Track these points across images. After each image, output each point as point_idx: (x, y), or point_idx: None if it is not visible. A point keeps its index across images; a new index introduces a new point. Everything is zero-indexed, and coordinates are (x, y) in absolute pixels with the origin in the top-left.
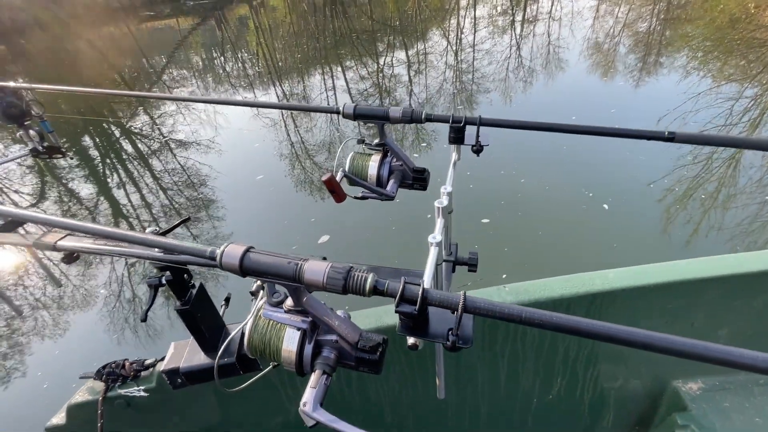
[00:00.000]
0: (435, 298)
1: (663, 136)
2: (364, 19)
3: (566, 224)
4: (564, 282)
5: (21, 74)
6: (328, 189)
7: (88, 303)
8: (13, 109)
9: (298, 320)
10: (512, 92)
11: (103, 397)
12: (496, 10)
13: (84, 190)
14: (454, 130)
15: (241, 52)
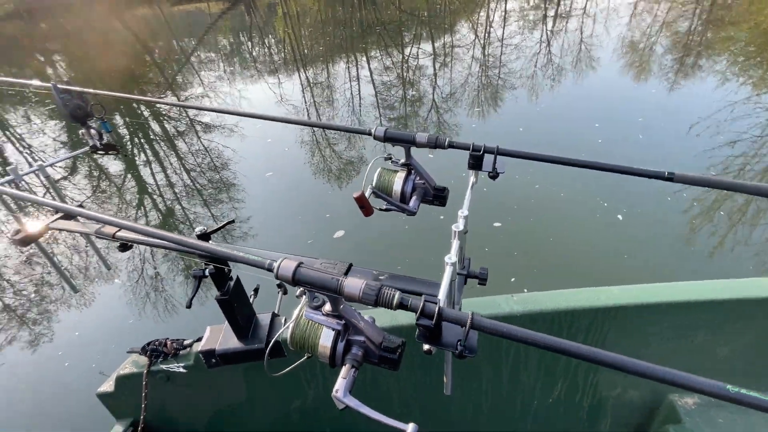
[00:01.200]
0: (449, 315)
1: (663, 176)
2: (391, 10)
3: (578, 232)
4: (570, 295)
5: (60, 51)
6: (358, 204)
7: (136, 286)
8: (79, 110)
9: (334, 322)
10: (539, 90)
11: (147, 371)
12: (527, 3)
13: (133, 181)
14: (473, 157)
15: (268, 38)
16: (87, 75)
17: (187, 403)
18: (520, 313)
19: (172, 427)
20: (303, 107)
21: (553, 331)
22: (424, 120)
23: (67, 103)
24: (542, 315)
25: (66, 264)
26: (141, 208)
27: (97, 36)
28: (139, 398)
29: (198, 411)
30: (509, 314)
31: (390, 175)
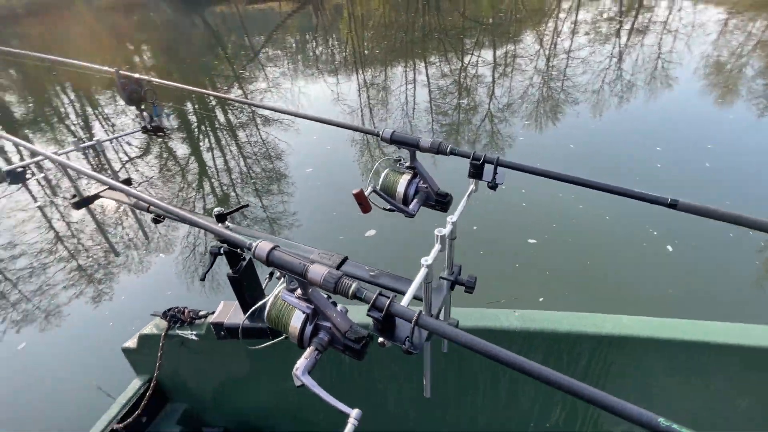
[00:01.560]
0: (397, 310)
1: (666, 203)
2: (455, 15)
3: (619, 260)
4: (574, 318)
5: (146, 41)
6: (357, 201)
7: (166, 255)
8: (135, 94)
9: (304, 306)
10: (604, 106)
11: (165, 334)
12: (601, 15)
13: (178, 159)
14: (473, 166)
15: (332, 39)
16: (166, 64)
17: (196, 369)
18: (518, 330)
19: (181, 387)
20: (358, 107)
21: (552, 352)
22: (476, 128)
23: (125, 87)
24: (541, 334)
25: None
26: (200, 190)
27: (179, 29)
28: (155, 357)
29: (205, 377)
30: (506, 329)
31: (396, 176)
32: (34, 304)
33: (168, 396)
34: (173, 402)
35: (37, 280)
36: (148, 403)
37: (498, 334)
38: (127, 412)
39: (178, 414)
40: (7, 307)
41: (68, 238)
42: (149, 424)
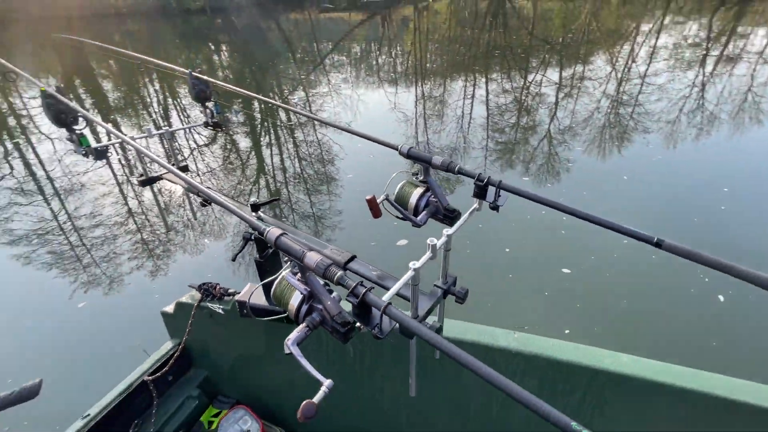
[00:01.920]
0: (370, 299)
1: (651, 241)
2: (522, 33)
3: (661, 304)
4: (572, 348)
5: (226, 42)
6: (369, 206)
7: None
8: (202, 93)
9: (302, 287)
10: (680, 137)
11: (197, 305)
12: (685, 40)
13: (239, 152)
14: (477, 186)
15: (395, 50)
16: (241, 64)
17: (219, 340)
18: (515, 351)
19: (205, 355)
20: (413, 117)
21: (548, 379)
22: (533, 149)
23: (195, 86)
24: (537, 358)
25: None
26: (256, 183)
27: (256, 32)
28: (186, 324)
29: (226, 349)
30: (503, 348)
31: (410, 188)
32: (91, 267)
33: (192, 361)
34: (196, 368)
35: (102, 245)
36: (176, 363)
37: (495, 352)
38: (157, 369)
39: (199, 379)
40: (76, 269)
41: (130, 212)
42: (174, 383)
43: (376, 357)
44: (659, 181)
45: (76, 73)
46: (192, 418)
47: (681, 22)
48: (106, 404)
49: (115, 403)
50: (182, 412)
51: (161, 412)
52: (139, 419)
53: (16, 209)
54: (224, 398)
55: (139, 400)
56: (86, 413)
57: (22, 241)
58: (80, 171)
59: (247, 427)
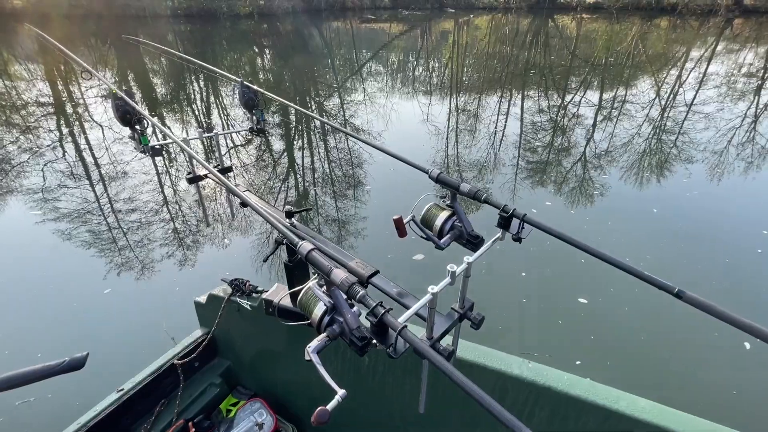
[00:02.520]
0: (387, 320)
1: (672, 291)
2: (564, 53)
3: (681, 345)
4: (587, 386)
5: (270, 47)
6: (395, 225)
7: (247, 235)
8: (250, 102)
9: (326, 299)
10: (726, 169)
11: (227, 299)
12: (739, 69)
13: (273, 154)
14: (502, 217)
15: (433, 62)
16: (282, 67)
17: (244, 334)
18: (527, 380)
19: (229, 347)
20: (444, 131)
21: (559, 414)
22: (566, 171)
23: (244, 94)
24: (549, 391)
25: (208, 206)
26: (285, 183)
27: (298, 38)
28: (216, 315)
29: (249, 343)
30: (515, 376)
31: (438, 210)
32: (134, 254)
33: (218, 351)
34: (221, 357)
35: (142, 234)
36: (203, 350)
37: (507, 379)
38: (185, 354)
39: (222, 368)
40: (114, 252)
41: (177, 207)
42: (199, 369)
43: (389, 371)
44: (689, 216)
45: (135, 73)
46: (212, 405)
47: (735, 50)
48: (139, 381)
49: (147, 381)
50: (204, 397)
51: (186, 395)
52: (166, 399)
53: (67, 192)
54: (243, 389)
55: (167, 381)
56: (120, 387)
57: (80, 228)
58: (139, 170)
59: (262, 420)
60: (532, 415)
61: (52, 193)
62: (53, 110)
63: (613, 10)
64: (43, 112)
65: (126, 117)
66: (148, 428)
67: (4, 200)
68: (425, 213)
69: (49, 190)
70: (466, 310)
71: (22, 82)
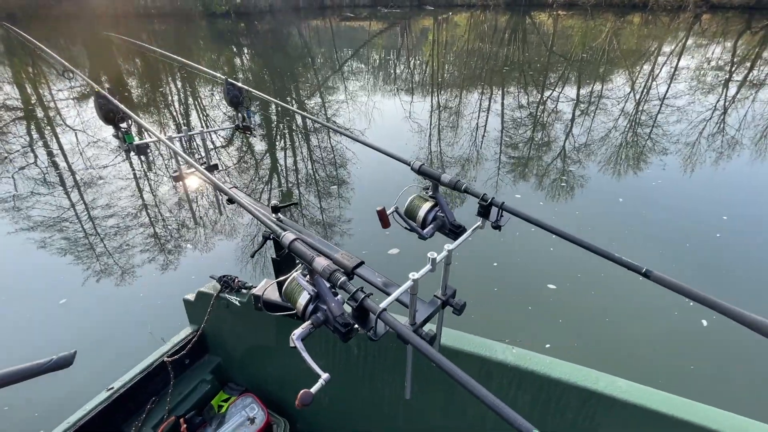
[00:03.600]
0: (367, 304)
1: (640, 271)
2: (541, 50)
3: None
4: (567, 368)
5: (247, 45)
6: (379, 217)
7: (236, 232)
8: (236, 99)
9: (311, 288)
10: (698, 160)
11: (216, 295)
12: (708, 63)
13: (255, 153)
14: (481, 206)
15: (414, 60)
16: (261, 67)
17: (234, 331)
18: (511, 365)
19: (219, 343)
20: (427, 128)
21: (541, 396)
22: (546, 165)
23: (229, 91)
24: (531, 375)
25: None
26: (269, 183)
27: (277, 37)
28: (205, 312)
29: (239, 339)
30: (499, 362)
31: (421, 201)
32: (115, 258)
33: (208, 348)
34: (211, 354)
35: (128, 235)
36: (193, 348)
37: (491, 364)
38: (176, 351)
39: (213, 365)
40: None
41: (164, 206)
42: (190, 366)
43: (378, 359)
44: (659, 203)
45: (109, 74)
46: (204, 401)
47: (704, 45)
48: (129, 379)
49: (137, 379)
50: (195, 394)
51: (176, 392)
52: (157, 396)
53: (38, 198)
54: (235, 385)
55: (158, 379)
56: (110, 386)
57: (68, 229)
58: (120, 171)
59: (253, 414)
60: (516, 398)
61: (28, 199)
62: (22, 114)
63: (588, 7)
64: (12, 117)
65: (109, 115)
66: (140, 426)
67: None
68: (409, 204)
69: (22, 197)
70: (449, 297)
71: None
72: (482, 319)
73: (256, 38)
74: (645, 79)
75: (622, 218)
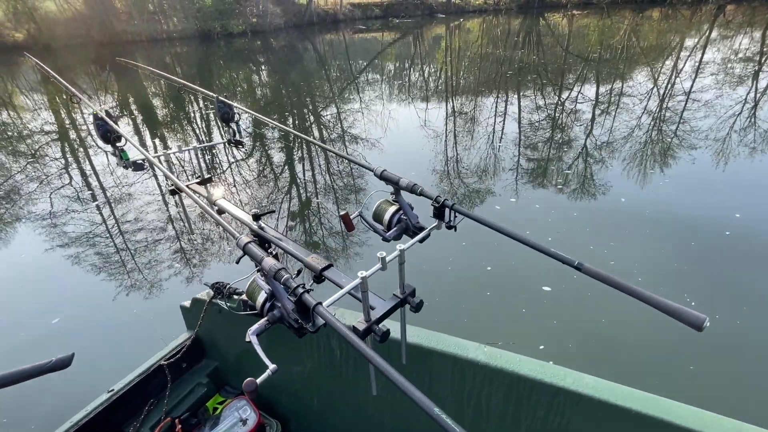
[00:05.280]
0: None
1: (572, 264)
2: (557, 51)
3: (635, 325)
4: (535, 365)
5: (265, 63)
6: (343, 222)
7: (227, 240)
8: (226, 115)
9: (266, 288)
10: (731, 154)
11: (209, 302)
12: (735, 55)
13: (249, 167)
14: (435, 208)
15: (428, 67)
16: (278, 82)
17: (227, 335)
18: (482, 363)
19: (215, 348)
20: (443, 134)
21: (513, 394)
22: (567, 166)
23: (220, 108)
24: (502, 373)
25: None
26: (260, 190)
27: (293, 53)
28: (198, 318)
29: (233, 342)
30: (471, 360)
31: (387, 205)
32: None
33: (205, 352)
34: (208, 358)
35: (139, 249)
36: (189, 352)
37: (464, 363)
38: (173, 355)
39: (210, 369)
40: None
41: (163, 218)
42: (187, 370)
43: (360, 360)
44: (655, 199)
45: (132, 95)
46: (199, 403)
47: (730, 36)
48: (128, 381)
49: (136, 382)
50: (192, 396)
51: (173, 395)
52: (155, 399)
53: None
54: (230, 388)
55: (156, 382)
56: (111, 388)
57: (78, 241)
58: (123, 183)
59: (246, 416)
60: (490, 395)
61: (59, 217)
62: (52, 138)
63: (604, 5)
64: (47, 139)
65: (106, 135)
66: (138, 426)
67: None
68: (376, 208)
69: (57, 215)
70: (407, 296)
71: (27, 113)
72: (456, 319)
73: (272, 54)
74: (668, 75)
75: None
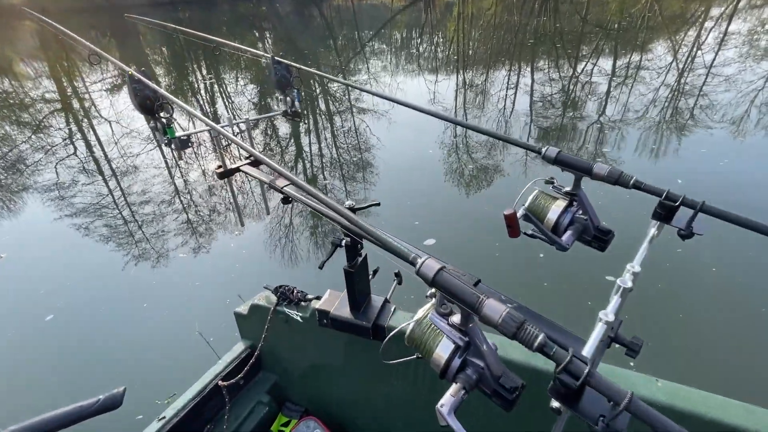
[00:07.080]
0: (599, 384)
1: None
2: (575, 19)
3: None
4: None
5: (270, 29)
6: (507, 223)
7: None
8: (284, 80)
9: (457, 336)
10: (748, 133)
11: (274, 309)
12: (762, 26)
13: (294, 146)
14: (663, 206)
15: (438, 37)
16: (284, 51)
17: (293, 347)
18: (662, 405)
19: (276, 360)
20: (452, 108)
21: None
22: (578, 144)
23: (276, 71)
24: (691, 417)
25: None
26: (293, 170)
27: (299, 20)
28: (262, 327)
29: (299, 356)
30: (648, 400)
31: (548, 201)
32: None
33: (262, 365)
34: (265, 371)
35: (167, 235)
36: (245, 364)
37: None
38: (230, 372)
39: (269, 384)
40: (130, 247)
41: (203, 204)
42: (244, 386)
43: None
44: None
45: (137, 63)
46: (262, 425)
47: (759, 5)
48: (182, 407)
49: (190, 407)
50: (253, 418)
51: (233, 417)
52: (212, 424)
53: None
54: (293, 405)
55: (211, 404)
56: (162, 415)
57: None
58: (152, 164)
59: None
60: None
61: (68, 190)
62: (60, 106)
63: None
64: (51, 109)
65: (146, 103)
66: None
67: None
68: (532, 203)
69: (64, 187)
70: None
71: (28, 81)
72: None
73: (279, 21)
74: (690, 47)
75: None
